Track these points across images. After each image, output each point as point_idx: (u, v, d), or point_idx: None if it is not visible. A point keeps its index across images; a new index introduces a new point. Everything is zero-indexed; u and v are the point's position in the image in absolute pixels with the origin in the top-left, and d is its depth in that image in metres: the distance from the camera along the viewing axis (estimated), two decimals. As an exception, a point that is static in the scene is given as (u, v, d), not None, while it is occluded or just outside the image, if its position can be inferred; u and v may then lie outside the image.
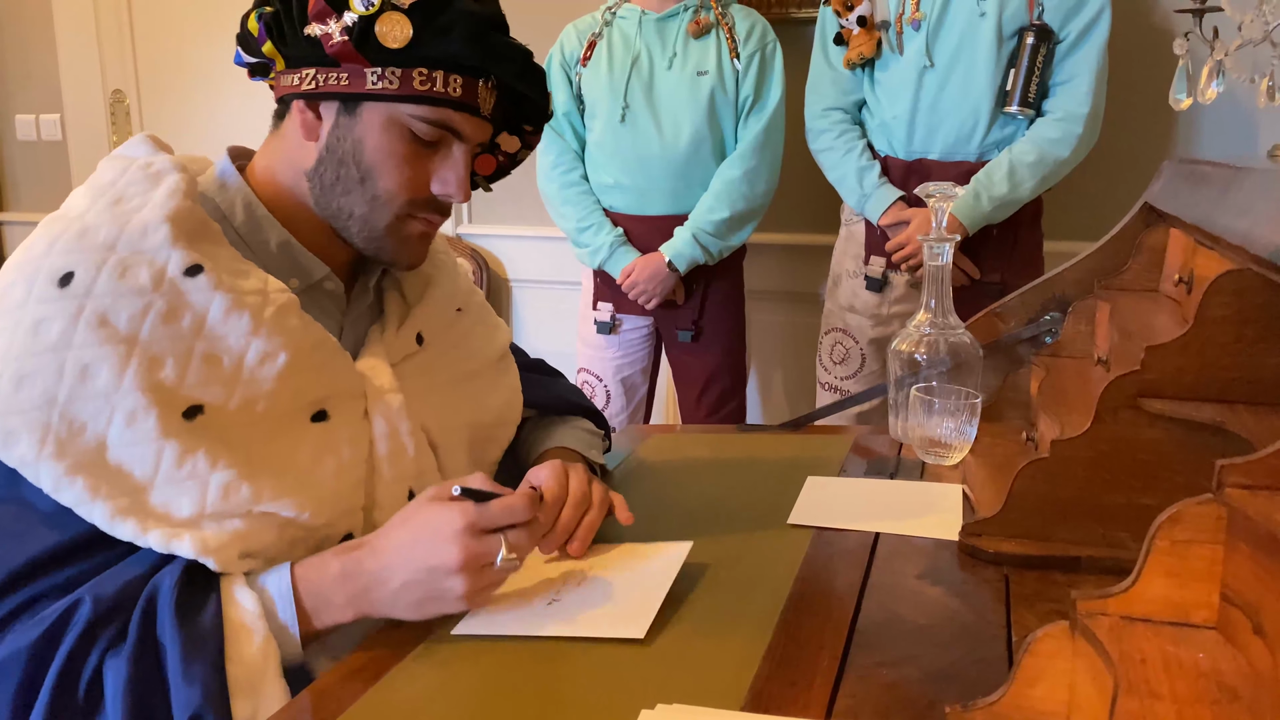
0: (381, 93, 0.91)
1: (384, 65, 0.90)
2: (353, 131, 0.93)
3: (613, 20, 2.19)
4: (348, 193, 0.95)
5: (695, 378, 2.30)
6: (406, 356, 1.04)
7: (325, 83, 0.92)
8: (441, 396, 1.06)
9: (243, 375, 0.86)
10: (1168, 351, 0.87)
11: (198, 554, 0.80)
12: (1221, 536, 0.59)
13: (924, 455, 1.24)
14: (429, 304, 1.09)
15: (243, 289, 0.87)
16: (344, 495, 0.92)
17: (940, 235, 1.24)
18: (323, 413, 0.92)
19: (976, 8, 1.92)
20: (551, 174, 2.25)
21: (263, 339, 0.87)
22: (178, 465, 0.81)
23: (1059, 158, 1.95)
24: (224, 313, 0.85)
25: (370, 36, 0.88)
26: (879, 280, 2.11)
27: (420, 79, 0.91)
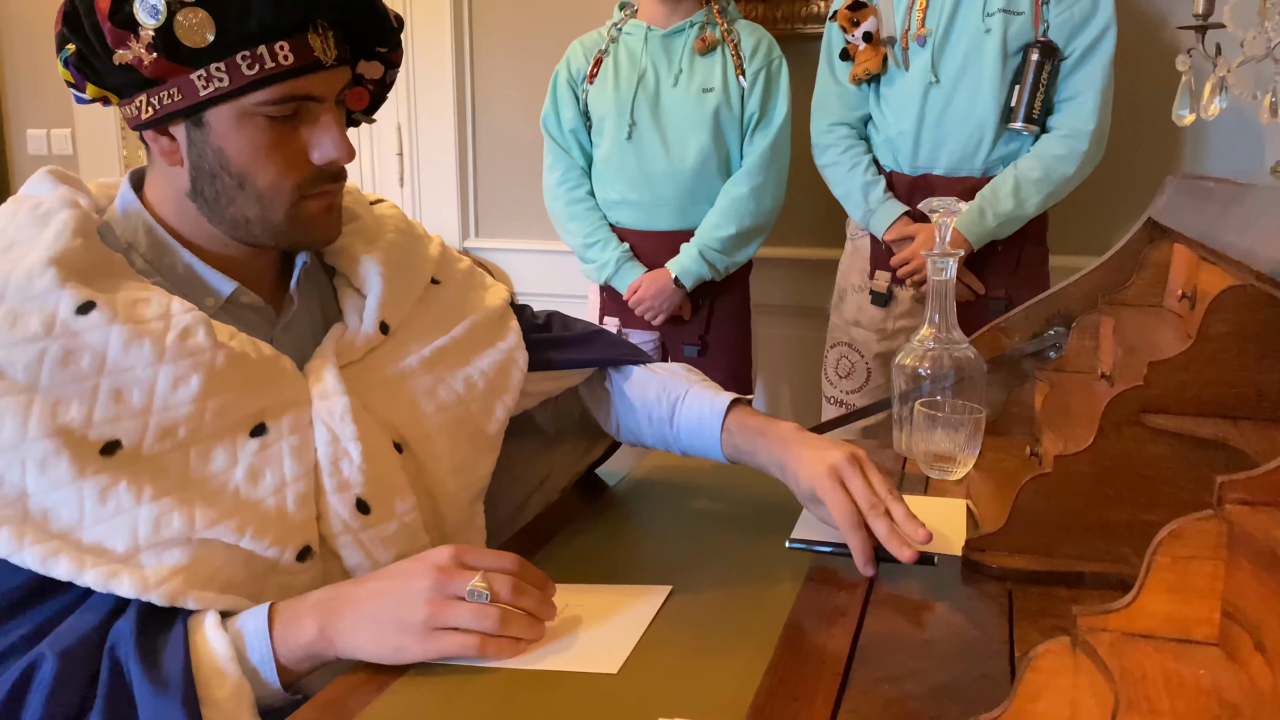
0: (216, 94, 0.86)
1: (205, 65, 0.85)
2: (209, 142, 0.89)
3: (619, 37, 2.20)
4: (232, 202, 0.91)
5: None
6: (370, 349, 1.00)
7: (162, 105, 0.87)
8: (414, 382, 1.02)
9: (155, 404, 0.83)
10: (1170, 367, 0.87)
11: (139, 592, 0.78)
12: (1222, 552, 0.59)
13: (928, 470, 1.23)
14: (390, 288, 1.04)
15: (142, 317, 0.84)
16: (288, 510, 0.88)
17: (944, 250, 1.25)
18: (262, 426, 0.89)
19: (982, 24, 1.93)
20: (558, 190, 2.26)
21: (169, 364, 0.84)
22: (101, 503, 0.79)
23: (1064, 174, 1.95)
24: (123, 345, 0.82)
25: (176, 43, 0.84)
26: (884, 295, 2.12)
27: (246, 64, 0.85)
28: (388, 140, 2.97)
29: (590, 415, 1.28)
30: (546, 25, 2.73)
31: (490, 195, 2.94)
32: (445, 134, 2.90)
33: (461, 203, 2.93)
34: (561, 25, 2.67)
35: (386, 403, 0.99)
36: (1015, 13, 1.91)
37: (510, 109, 2.85)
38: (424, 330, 1.06)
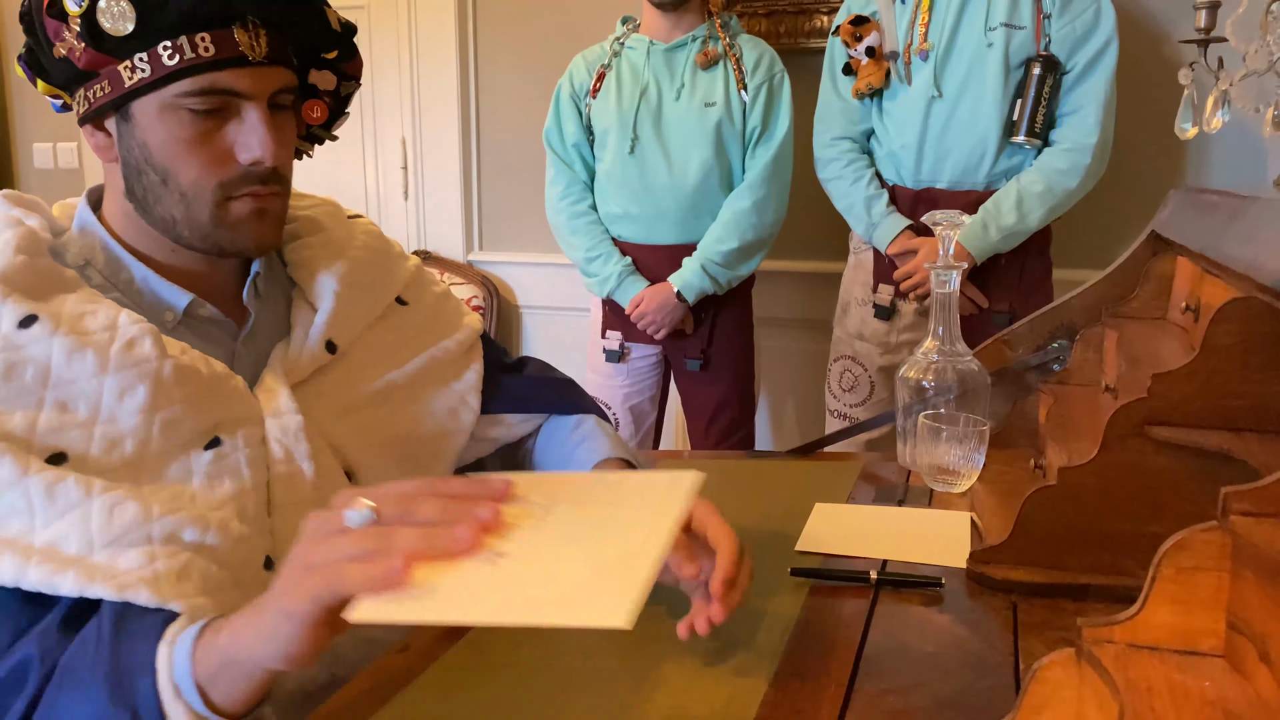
0: (140, 85, 0.85)
1: (130, 55, 0.85)
2: (134, 136, 0.88)
3: (621, 51, 2.21)
4: (159, 200, 0.89)
5: (704, 406, 2.30)
6: (317, 370, 0.97)
7: (95, 98, 0.87)
8: (362, 412, 0.99)
9: (101, 416, 0.81)
10: (1174, 379, 0.87)
11: (83, 587, 0.73)
12: (1227, 564, 0.59)
13: (932, 483, 1.23)
14: (342, 306, 1.00)
15: (86, 329, 0.82)
16: (249, 516, 0.86)
17: (947, 263, 1.25)
18: (216, 439, 0.86)
19: (984, 38, 1.94)
20: (560, 204, 2.27)
21: (114, 375, 0.81)
22: (49, 498, 0.76)
23: (1067, 188, 1.96)
24: (66, 356, 0.80)
25: (100, 32, 0.83)
26: (887, 308, 2.12)
27: (167, 54, 0.84)
28: (392, 154, 2.98)
29: None
30: (550, 39, 2.75)
31: (494, 208, 2.95)
32: (449, 147, 2.91)
33: (465, 216, 2.94)
34: (565, 39, 2.68)
35: (335, 429, 0.96)
36: (1017, 27, 1.93)
37: (514, 122, 2.86)
38: (378, 356, 1.02)
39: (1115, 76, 1.95)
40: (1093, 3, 1.92)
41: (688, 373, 2.30)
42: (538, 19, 2.78)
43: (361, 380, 1.00)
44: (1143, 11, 2.28)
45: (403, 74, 2.92)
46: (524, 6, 2.79)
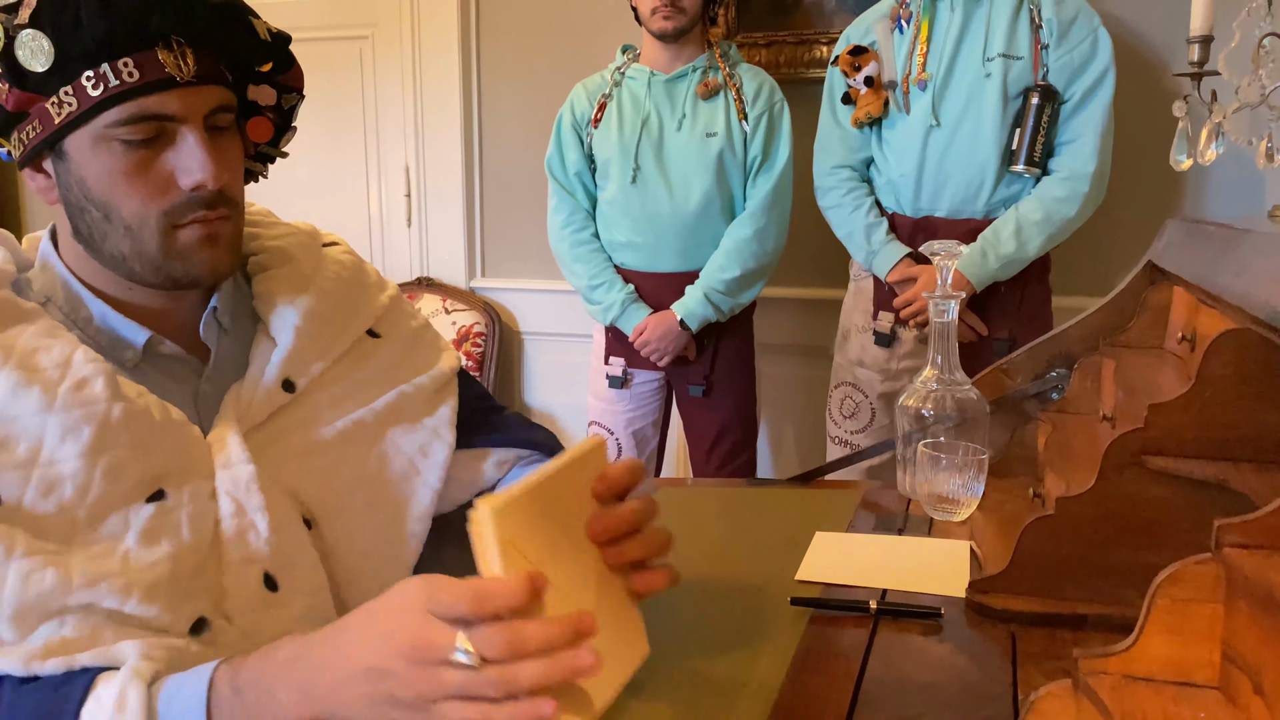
0: (69, 119, 0.82)
1: (56, 90, 0.82)
2: (71, 174, 0.85)
3: (622, 81, 2.24)
4: (105, 236, 0.86)
5: (706, 431, 2.32)
6: (274, 413, 0.92)
7: (28, 140, 0.85)
8: (325, 455, 0.94)
9: (41, 457, 0.77)
10: (1170, 409, 0.87)
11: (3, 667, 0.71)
12: (1221, 595, 0.59)
13: (932, 511, 1.24)
14: (302, 341, 0.95)
15: (36, 365, 0.80)
16: (183, 577, 0.81)
17: (945, 292, 1.26)
18: (160, 492, 0.82)
19: (982, 68, 1.96)
20: (563, 233, 2.29)
21: (59, 414, 0.78)
22: None
23: (1066, 216, 1.97)
24: (10, 391, 0.78)
25: (20, 69, 0.81)
26: (887, 335, 2.13)
27: (91, 84, 0.81)
28: (395, 181, 3.01)
29: None
30: (553, 67, 2.78)
31: (496, 235, 2.97)
32: (452, 175, 2.93)
33: (468, 243, 2.96)
34: (569, 67, 2.71)
35: (295, 475, 0.91)
36: (1015, 57, 1.95)
37: (516, 150, 2.88)
38: (343, 393, 0.97)
39: (1113, 106, 1.97)
40: (1090, 33, 1.94)
41: (690, 398, 2.31)
42: (540, 47, 2.81)
43: (323, 420, 0.95)
44: (1142, 44, 2.30)
45: (406, 102, 2.94)
46: (527, 35, 2.82)
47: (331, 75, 3.00)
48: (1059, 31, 1.93)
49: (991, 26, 1.96)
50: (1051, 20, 1.94)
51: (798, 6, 2.51)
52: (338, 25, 2.97)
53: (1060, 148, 1.99)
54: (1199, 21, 1.20)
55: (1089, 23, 1.95)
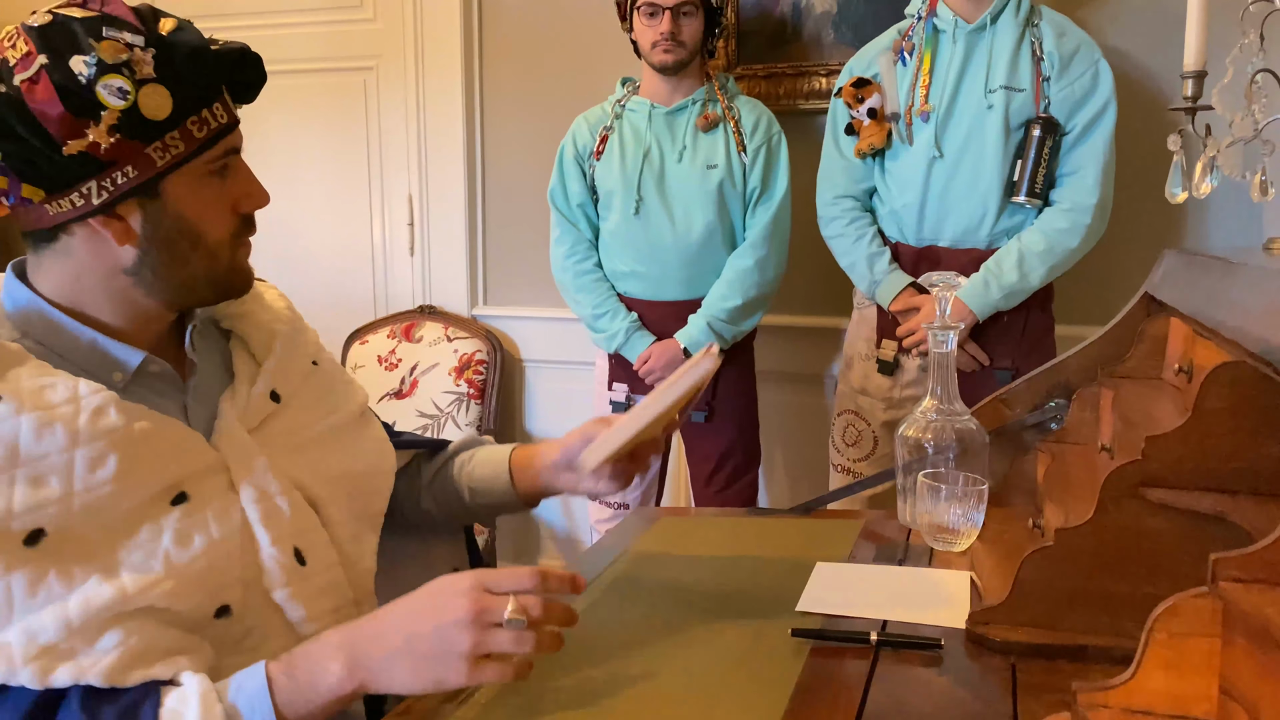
0: (174, 162, 0.90)
1: (161, 137, 0.88)
2: (166, 212, 0.92)
3: (623, 113, 2.27)
4: (186, 263, 0.94)
5: (708, 456, 2.33)
6: (266, 417, 1.02)
7: (116, 185, 0.88)
8: (311, 451, 1.05)
9: (76, 487, 0.83)
10: (1168, 441, 0.88)
11: (76, 678, 0.79)
12: (1218, 629, 0.60)
13: (932, 541, 1.24)
14: (281, 358, 1.07)
15: (50, 403, 0.84)
16: (215, 570, 0.90)
17: (944, 323, 1.27)
18: (182, 495, 0.90)
19: (984, 100, 1.98)
20: (566, 263, 2.32)
21: (84, 446, 0.84)
22: (30, 595, 0.80)
23: (1068, 247, 1.99)
24: (35, 434, 0.83)
25: (140, 121, 0.86)
26: (890, 364, 2.14)
27: (197, 128, 0.90)
28: (399, 210, 3.03)
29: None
30: (555, 98, 2.80)
31: (498, 264, 2.99)
32: (455, 204, 2.95)
33: (470, 271, 2.98)
34: (570, 98, 2.74)
35: (292, 467, 1.01)
36: (1017, 89, 1.97)
37: (519, 179, 2.91)
38: (312, 404, 1.08)
39: (1114, 138, 1.99)
40: (1090, 66, 1.96)
41: (692, 424, 2.32)
42: (542, 78, 2.84)
43: (304, 425, 1.06)
44: (1144, 76, 2.32)
45: (409, 132, 2.97)
46: (529, 66, 2.85)
47: (336, 106, 3.03)
48: (1060, 64, 1.96)
49: (993, 59, 1.98)
50: (1053, 53, 1.96)
51: (796, 39, 2.54)
52: (343, 57, 3.00)
53: (1062, 179, 2.00)
54: (1192, 57, 1.22)
55: (1090, 55, 1.97)
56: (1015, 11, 1.99)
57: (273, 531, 0.95)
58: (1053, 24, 2.00)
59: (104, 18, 0.87)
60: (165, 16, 0.91)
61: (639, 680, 0.93)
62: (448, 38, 2.87)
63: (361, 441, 1.13)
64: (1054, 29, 1.99)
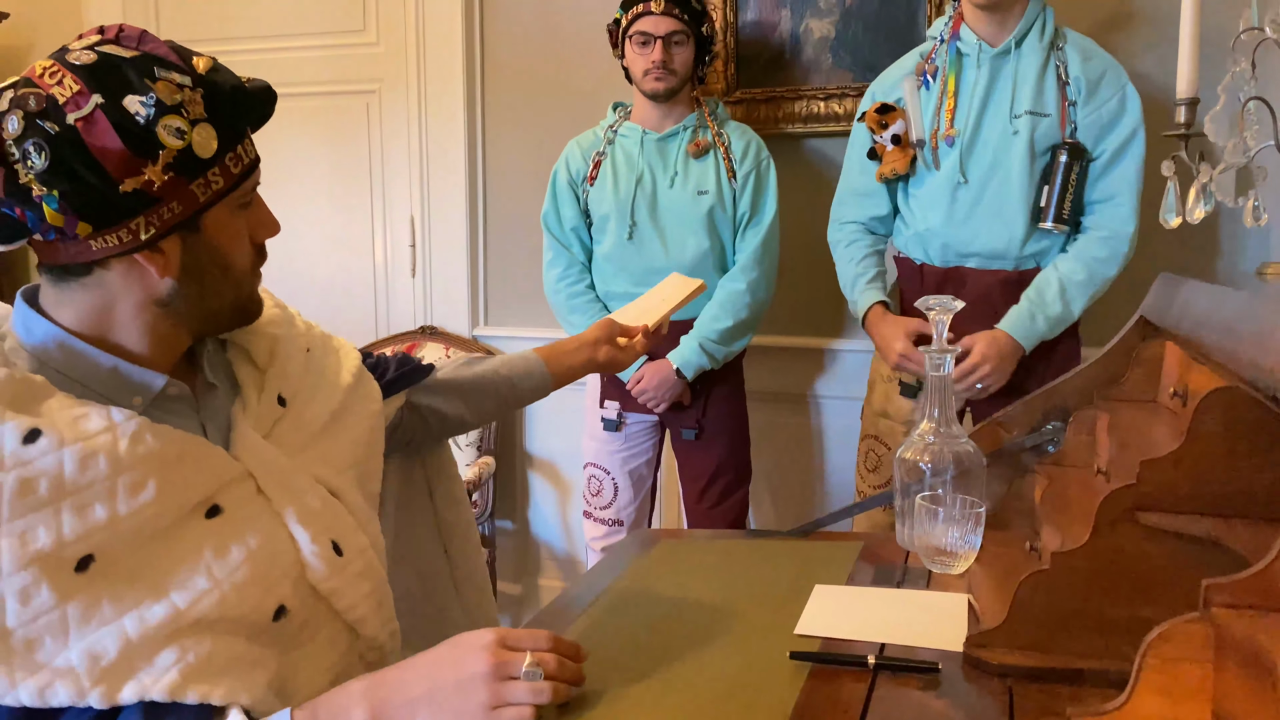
0: (216, 195, 0.93)
1: (204, 173, 0.91)
2: (204, 244, 0.95)
3: (615, 139, 2.32)
4: (217, 293, 0.98)
5: (699, 473, 2.38)
6: (275, 421, 1.05)
7: (163, 220, 0.90)
8: (322, 444, 1.09)
9: (120, 511, 0.86)
10: (1162, 465, 0.89)
11: (140, 695, 0.82)
12: (1210, 655, 0.61)
13: (930, 564, 1.25)
14: (281, 361, 1.10)
15: (88, 433, 0.86)
16: (259, 576, 0.93)
17: (941, 347, 1.28)
18: (215, 508, 0.94)
19: (1009, 126, 1.97)
20: (559, 285, 2.37)
21: (126, 473, 0.87)
22: (84, 620, 0.82)
23: (1107, 276, 1.98)
24: (79, 465, 0.84)
25: (192, 159, 0.89)
26: (914, 386, 2.11)
27: (233, 163, 0.94)
28: (401, 232, 3.05)
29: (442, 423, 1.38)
30: (556, 122, 2.83)
31: (499, 285, 3.00)
32: (457, 226, 2.97)
33: (471, 292, 2.99)
34: (571, 122, 2.76)
35: (308, 462, 1.05)
36: (1042, 114, 1.95)
37: (520, 201, 2.93)
38: (310, 398, 1.11)
39: (1145, 162, 1.96)
40: (1118, 90, 1.95)
41: (684, 440, 2.37)
42: (543, 102, 2.86)
43: (312, 419, 1.10)
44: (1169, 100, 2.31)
45: (412, 155, 2.99)
46: (530, 90, 2.88)
47: (339, 129, 3.05)
48: (1087, 89, 1.94)
49: (1018, 83, 1.97)
50: (1079, 78, 1.94)
51: (795, 63, 2.56)
52: (346, 80, 3.03)
53: (1095, 206, 1.98)
54: (1185, 85, 1.24)
55: (1117, 79, 1.95)
56: (1040, 35, 1.97)
57: (311, 529, 0.99)
58: (1078, 47, 1.98)
59: (151, 57, 0.89)
60: (196, 55, 0.93)
61: (637, 703, 0.93)
62: (449, 62, 2.90)
63: (360, 422, 1.16)
64: (1079, 53, 1.97)
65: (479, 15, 2.89)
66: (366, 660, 1.08)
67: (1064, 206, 1.95)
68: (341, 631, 1.03)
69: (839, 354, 2.64)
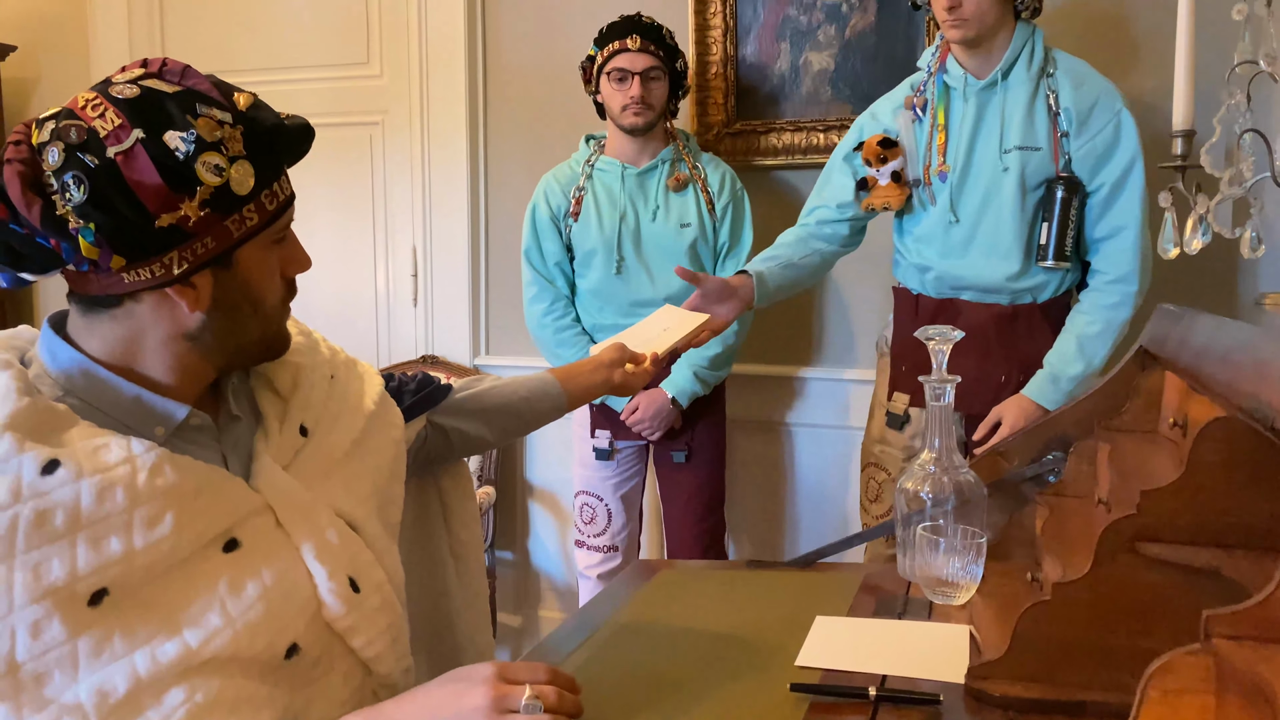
0: (250, 231, 0.92)
1: (240, 209, 0.91)
2: (236, 279, 0.94)
3: (593, 174, 2.38)
4: (245, 329, 0.97)
5: (683, 494, 2.45)
6: (297, 451, 1.04)
7: (196, 256, 0.90)
8: (343, 473, 1.07)
9: (136, 545, 0.85)
10: (1162, 496, 0.89)
11: None
12: (1212, 686, 0.60)
13: (931, 595, 1.24)
14: (304, 390, 1.08)
15: (107, 465, 0.85)
16: (274, 613, 0.92)
17: (940, 376, 1.28)
18: (233, 541, 0.92)
19: (999, 162, 1.93)
20: (544, 320, 2.42)
21: (143, 506, 0.85)
22: (95, 656, 0.81)
23: (1122, 321, 1.92)
24: (96, 497, 0.83)
25: (229, 195, 0.89)
26: (899, 417, 2.10)
27: (269, 200, 0.93)
28: (403, 261, 3.06)
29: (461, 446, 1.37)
30: (558, 152, 2.82)
31: (500, 314, 3.01)
32: (458, 255, 2.99)
33: (473, 321, 3.00)
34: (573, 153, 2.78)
35: (329, 493, 1.04)
36: (1033, 149, 1.90)
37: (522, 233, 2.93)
38: (334, 428, 1.10)
39: (1147, 191, 1.89)
40: (1112, 118, 1.88)
41: (670, 463, 2.44)
42: (544, 134, 2.88)
43: (334, 448, 1.08)
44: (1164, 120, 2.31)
45: (415, 185, 3.01)
46: (531, 121, 2.90)
47: (343, 159, 3.07)
48: (1078, 119, 1.89)
49: (1007, 118, 1.92)
50: (1070, 108, 1.89)
51: (795, 95, 2.58)
52: (350, 111, 3.05)
53: (1099, 244, 1.93)
54: (1181, 117, 1.25)
55: (1110, 107, 1.89)
56: (1028, 64, 1.92)
57: (328, 565, 0.97)
58: (1070, 74, 1.92)
59: (194, 93, 0.89)
60: (237, 91, 0.93)
61: (637, 735, 0.93)
62: (452, 94, 2.93)
63: (381, 450, 1.15)
64: (1071, 80, 1.91)
65: (481, 47, 2.92)
66: (380, 697, 1.05)
67: (1064, 244, 1.90)
68: (355, 668, 1.01)
69: (809, 381, 2.68)
